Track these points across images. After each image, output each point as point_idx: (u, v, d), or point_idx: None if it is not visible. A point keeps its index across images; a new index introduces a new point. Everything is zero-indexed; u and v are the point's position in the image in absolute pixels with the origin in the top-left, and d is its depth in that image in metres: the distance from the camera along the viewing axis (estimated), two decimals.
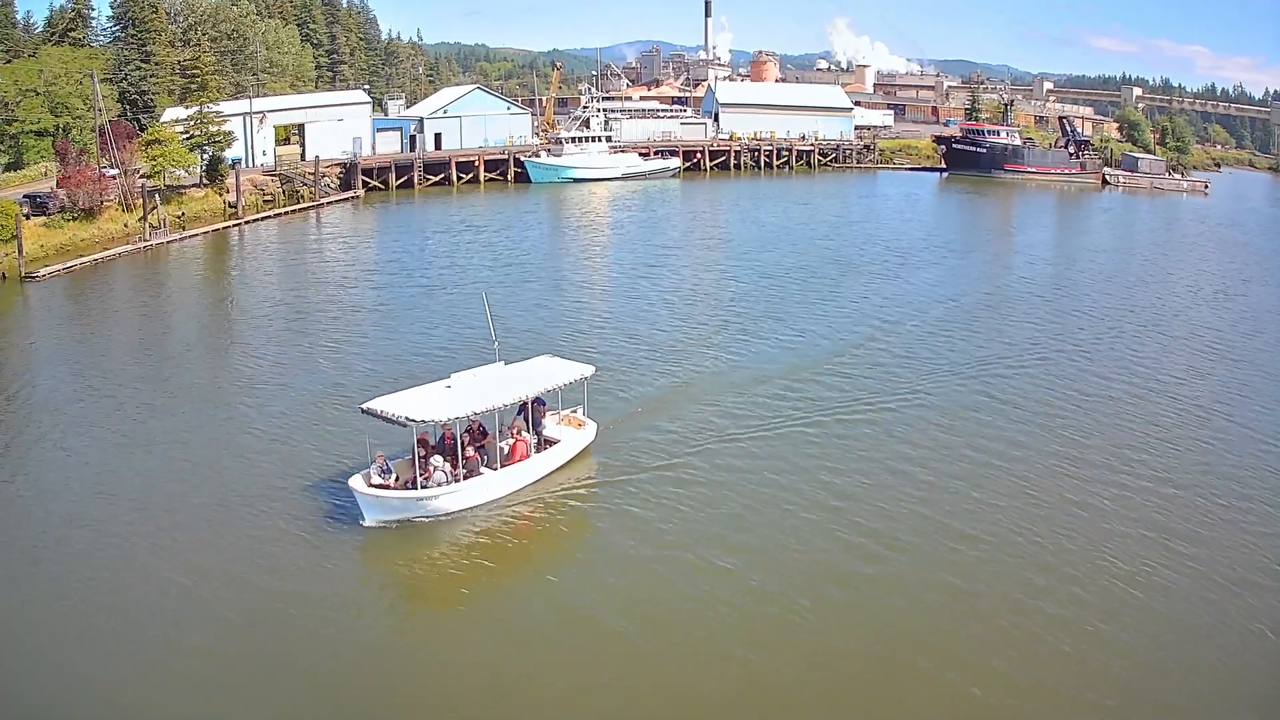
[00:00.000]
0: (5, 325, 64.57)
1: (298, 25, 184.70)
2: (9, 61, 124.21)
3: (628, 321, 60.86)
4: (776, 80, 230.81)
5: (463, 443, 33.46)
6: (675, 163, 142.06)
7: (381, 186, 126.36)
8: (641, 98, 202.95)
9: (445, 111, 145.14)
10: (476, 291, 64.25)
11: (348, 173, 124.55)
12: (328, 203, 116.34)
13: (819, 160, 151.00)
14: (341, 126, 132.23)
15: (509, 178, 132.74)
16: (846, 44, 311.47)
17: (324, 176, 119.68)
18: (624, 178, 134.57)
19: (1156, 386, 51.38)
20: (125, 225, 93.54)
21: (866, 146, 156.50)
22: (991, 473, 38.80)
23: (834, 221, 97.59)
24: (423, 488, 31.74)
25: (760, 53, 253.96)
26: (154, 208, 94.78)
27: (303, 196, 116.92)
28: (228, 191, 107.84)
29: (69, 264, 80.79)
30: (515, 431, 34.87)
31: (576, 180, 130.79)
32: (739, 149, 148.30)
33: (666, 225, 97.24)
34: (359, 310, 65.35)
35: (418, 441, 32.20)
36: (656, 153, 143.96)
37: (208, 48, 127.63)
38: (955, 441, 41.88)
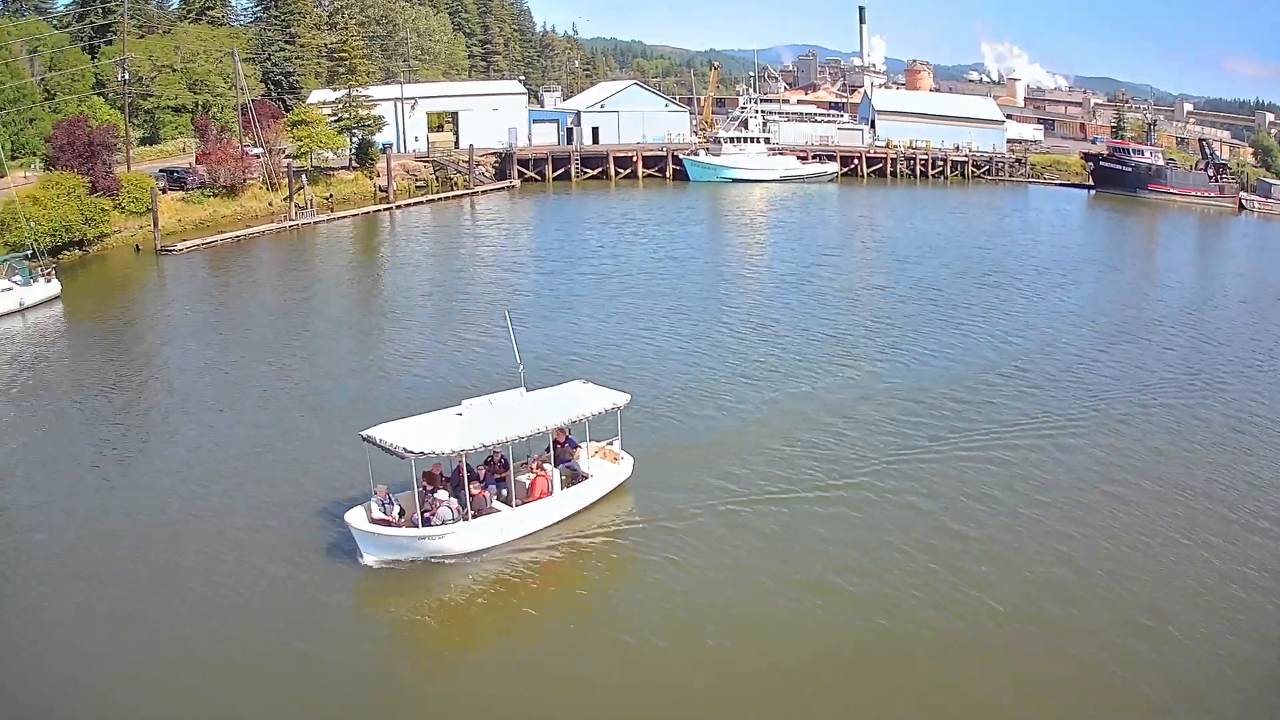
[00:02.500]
0: (136, 297, 63.77)
1: (449, 14, 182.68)
2: (142, 37, 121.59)
3: (761, 327, 54.98)
4: (931, 90, 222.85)
5: (477, 476, 30.47)
6: (832, 167, 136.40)
7: (537, 177, 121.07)
8: (799, 101, 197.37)
9: (603, 106, 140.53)
10: (639, 285, 63.70)
11: (503, 162, 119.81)
12: (482, 191, 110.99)
13: (972, 171, 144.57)
14: (496, 116, 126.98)
15: (667, 175, 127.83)
16: (997, 55, 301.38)
17: (478, 165, 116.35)
18: (781, 180, 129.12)
19: None
20: (269, 204, 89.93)
21: (1018, 160, 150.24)
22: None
23: (990, 232, 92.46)
24: (425, 525, 28.51)
25: (914, 61, 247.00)
26: (300, 188, 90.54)
27: (456, 184, 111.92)
28: (378, 175, 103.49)
29: (208, 239, 78.06)
30: (536, 466, 31.24)
31: (735, 180, 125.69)
32: (895, 156, 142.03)
33: (824, 229, 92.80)
34: (512, 300, 60.08)
35: (424, 475, 29.64)
36: (814, 157, 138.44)
37: (356, 32, 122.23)
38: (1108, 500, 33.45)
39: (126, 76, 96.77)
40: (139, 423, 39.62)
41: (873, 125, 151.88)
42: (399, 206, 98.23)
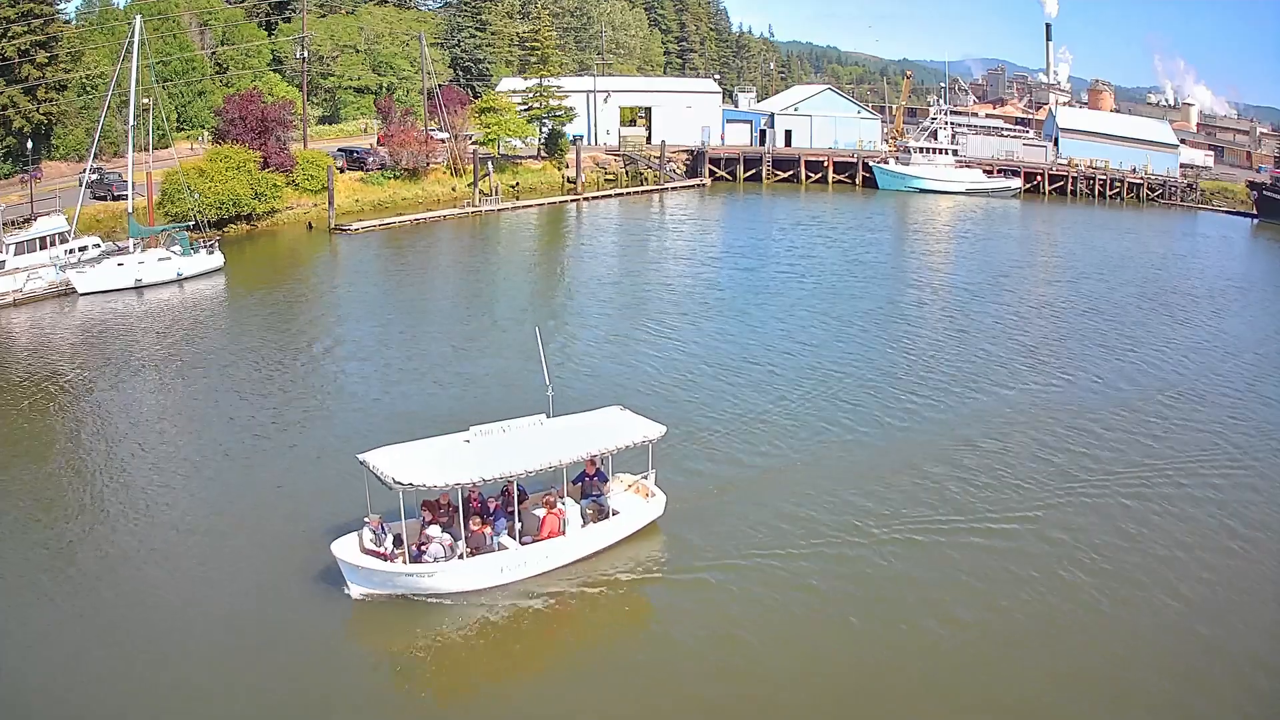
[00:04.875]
0: (302, 273, 62.80)
1: (645, 9, 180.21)
2: (324, 16, 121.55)
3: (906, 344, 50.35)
4: (1112, 110, 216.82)
5: (487, 509, 27.90)
6: (1016, 183, 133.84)
7: (728, 177, 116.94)
8: (987, 115, 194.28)
9: (796, 109, 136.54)
10: (829, 287, 61.46)
11: (695, 160, 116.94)
12: (672, 187, 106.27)
13: (1147, 194, 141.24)
14: (690, 114, 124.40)
15: (857, 181, 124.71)
16: (1169, 72, 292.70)
17: (670, 161, 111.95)
18: (967, 193, 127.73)
19: None
20: (453, 190, 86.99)
21: (1189, 185, 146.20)
22: None
23: (1163, 254, 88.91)
24: (413, 561, 26.18)
25: (1097, 81, 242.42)
26: (485, 174, 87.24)
27: (646, 179, 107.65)
28: (567, 166, 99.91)
29: (386, 220, 76.22)
30: (549, 502, 28.06)
31: (922, 190, 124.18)
32: (1076, 175, 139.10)
33: (1008, 244, 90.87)
34: (697, 299, 57.86)
35: (424, 505, 27.06)
36: (999, 171, 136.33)
37: (549, 22, 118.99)
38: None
39: (306, 54, 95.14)
40: (277, 403, 38.00)
41: (1056, 142, 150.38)
42: (587, 198, 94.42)
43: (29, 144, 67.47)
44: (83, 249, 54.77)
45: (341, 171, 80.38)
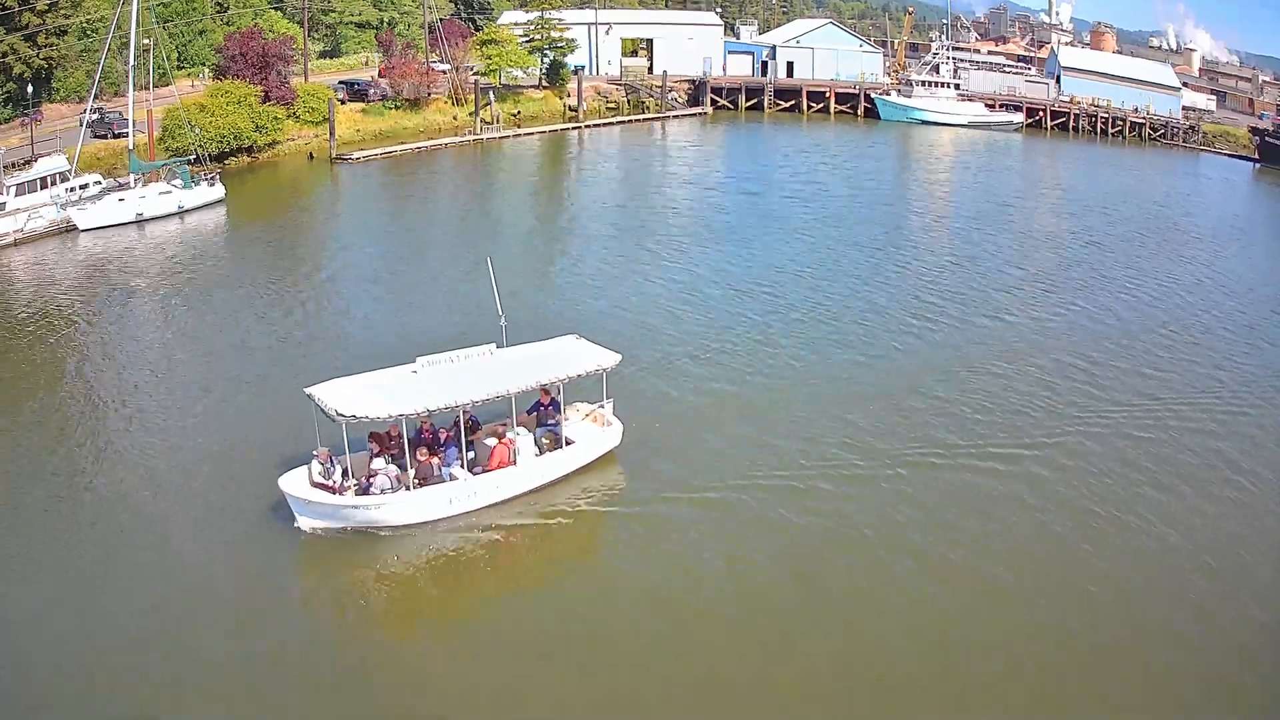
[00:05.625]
0: (302, 202, 63.42)
1: None
2: None
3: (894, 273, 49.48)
4: (1114, 52, 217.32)
5: (438, 439, 27.46)
6: (1018, 118, 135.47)
7: (730, 106, 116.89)
8: (989, 52, 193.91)
9: (798, 42, 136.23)
10: (834, 207, 62.34)
11: (697, 90, 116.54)
12: (674, 116, 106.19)
13: (1149, 134, 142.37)
14: (691, 45, 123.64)
15: (858, 112, 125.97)
16: (1169, 15, 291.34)
17: (671, 90, 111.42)
18: (969, 125, 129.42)
19: None
20: (454, 119, 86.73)
21: (1191, 127, 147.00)
22: None
23: (1166, 192, 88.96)
24: (361, 494, 25.60)
25: (1099, 24, 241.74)
26: (487, 103, 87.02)
27: (648, 107, 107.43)
28: (569, 95, 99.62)
29: (387, 149, 76.51)
30: (499, 432, 27.69)
31: (924, 122, 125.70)
32: (1078, 112, 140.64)
33: (1009, 175, 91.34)
34: (702, 224, 57.98)
35: (371, 436, 26.90)
36: (1001, 106, 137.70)
37: None
38: None
39: None
40: (275, 331, 38.40)
41: (1058, 80, 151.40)
42: (588, 126, 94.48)
43: (29, 88, 67.44)
44: (83, 187, 54.75)
45: (343, 103, 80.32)
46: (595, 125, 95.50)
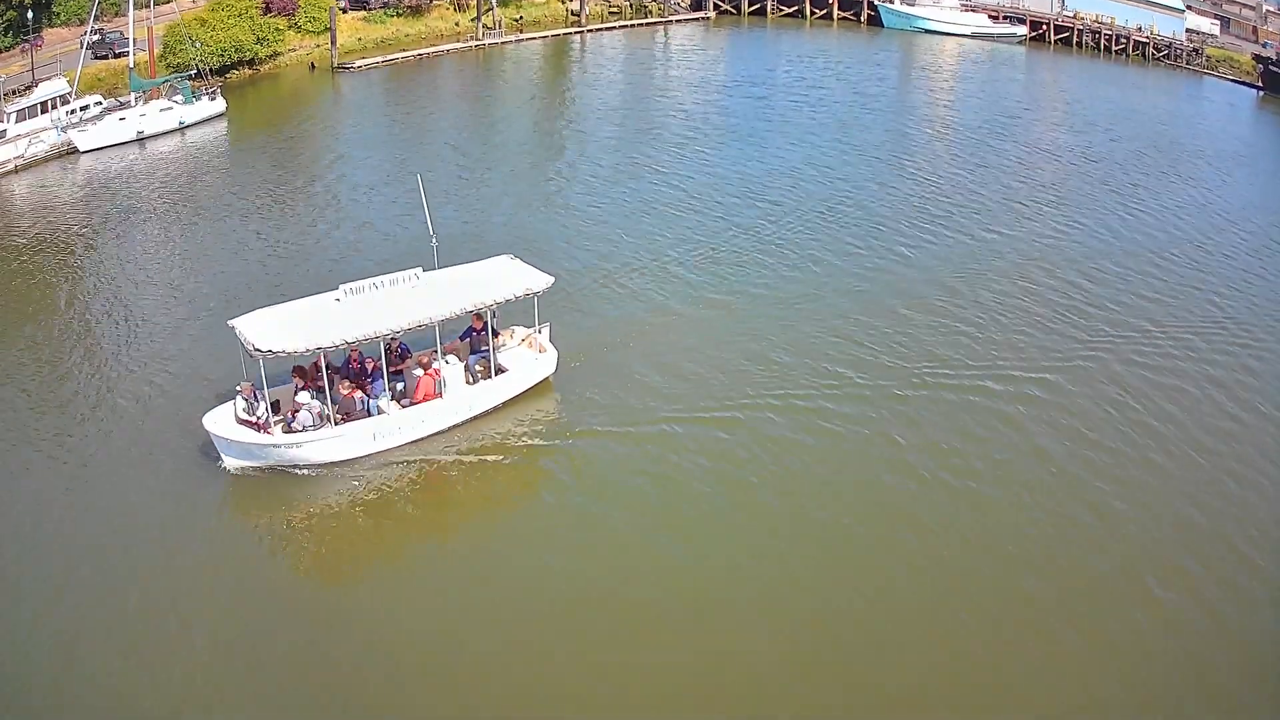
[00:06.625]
0: (305, 112, 63.22)
1: None
2: None
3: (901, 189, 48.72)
4: None
5: (365, 370, 26.26)
6: (1021, 30, 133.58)
7: (733, 11, 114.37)
8: None
9: None
10: (835, 114, 62.65)
11: None
12: (677, 20, 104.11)
13: (1152, 54, 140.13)
14: None
15: (861, 19, 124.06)
16: None
17: None
18: (972, 36, 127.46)
19: None
20: (456, 25, 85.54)
21: (1195, 50, 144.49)
22: None
23: (1170, 113, 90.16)
24: (285, 432, 24.78)
25: None
26: (489, 9, 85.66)
27: (651, 12, 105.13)
28: (571, 0, 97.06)
29: (389, 57, 75.63)
30: (424, 363, 26.66)
31: (927, 31, 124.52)
32: (1082, 28, 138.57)
33: (1015, 88, 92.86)
34: (705, 129, 58.06)
35: (295, 370, 25.71)
36: (1005, 18, 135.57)
37: None
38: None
39: None
40: (268, 246, 38.88)
41: None
42: (590, 30, 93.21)
43: (29, 14, 66.64)
44: (84, 108, 54.35)
45: (344, 12, 79.09)
46: (598, 29, 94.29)
